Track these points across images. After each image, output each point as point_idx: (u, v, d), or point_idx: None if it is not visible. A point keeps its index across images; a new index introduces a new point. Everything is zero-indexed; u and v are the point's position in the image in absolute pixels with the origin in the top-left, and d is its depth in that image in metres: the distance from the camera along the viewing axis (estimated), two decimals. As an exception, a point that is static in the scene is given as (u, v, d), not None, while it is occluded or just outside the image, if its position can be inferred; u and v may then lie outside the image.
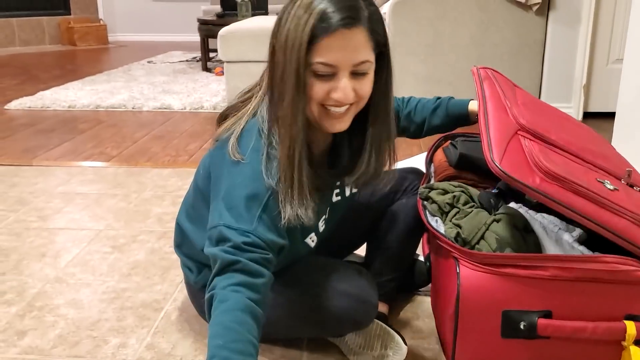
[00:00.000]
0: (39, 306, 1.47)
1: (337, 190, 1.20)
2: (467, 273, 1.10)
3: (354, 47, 0.96)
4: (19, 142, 2.97)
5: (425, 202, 1.25)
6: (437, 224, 1.19)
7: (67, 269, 1.66)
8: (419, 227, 1.35)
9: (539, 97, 3.29)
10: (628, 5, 3.03)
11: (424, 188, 1.28)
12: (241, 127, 1.06)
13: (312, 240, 1.18)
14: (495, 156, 1.07)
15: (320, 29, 0.94)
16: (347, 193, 1.22)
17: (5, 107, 3.78)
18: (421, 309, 1.43)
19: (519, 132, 1.15)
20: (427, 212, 1.23)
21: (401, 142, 1.29)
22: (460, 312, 1.10)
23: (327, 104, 0.99)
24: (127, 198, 2.19)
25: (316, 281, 1.14)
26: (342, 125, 1.03)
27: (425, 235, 1.45)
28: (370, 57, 0.99)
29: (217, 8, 5.65)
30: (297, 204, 1.00)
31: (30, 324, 1.39)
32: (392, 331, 1.20)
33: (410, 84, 3.26)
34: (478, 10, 3.17)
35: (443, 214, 1.24)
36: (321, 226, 1.19)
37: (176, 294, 1.51)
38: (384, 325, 1.22)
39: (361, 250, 1.48)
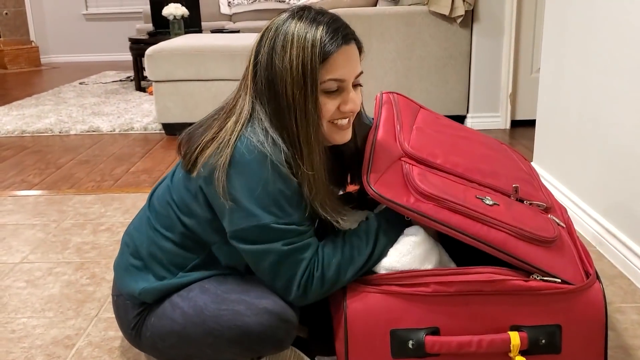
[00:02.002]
0: (-60, 350, 1.38)
1: None
2: (354, 293, 1.11)
3: (355, 60, 1.07)
4: None
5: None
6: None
7: (-24, 308, 1.57)
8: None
9: (467, 109, 3.35)
10: (546, 17, 3.13)
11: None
12: (233, 143, 1.05)
13: None
14: (370, 179, 1.11)
15: (327, 49, 1.02)
16: None
17: None
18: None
19: (402, 158, 1.19)
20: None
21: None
22: (349, 333, 1.10)
23: (335, 119, 1.08)
24: (46, 228, 2.11)
25: (235, 296, 1.12)
26: (348, 135, 1.13)
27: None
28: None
29: (152, 27, 5.57)
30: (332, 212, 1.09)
31: None
32: (306, 358, 1.18)
33: (342, 98, 3.27)
34: (404, 25, 3.22)
35: None
36: None
37: (90, 329, 1.45)
38: (299, 352, 1.20)
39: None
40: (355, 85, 1.10)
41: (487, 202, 1.14)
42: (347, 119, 1.10)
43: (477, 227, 1.09)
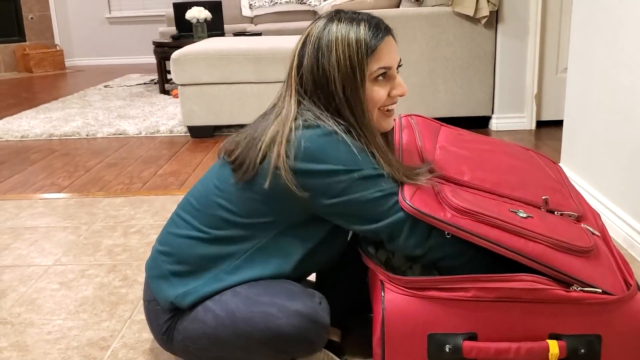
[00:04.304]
0: (-20, 351, 1.42)
1: None
2: (392, 297, 1.11)
3: (395, 48, 1.15)
4: (-33, 176, 2.89)
5: None
6: (370, 247, 1.20)
7: (13, 309, 1.60)
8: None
9: (492, 109, 3.34)
10: (572, 16, 3.10)
11: None
12: (293, 130, 1.09)
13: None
14: (406, 195, 1.10)
15: (375, 40, 1.11)
16: None
17: (-45, 139, 3.68)
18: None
19: (430, 178, 1.19)
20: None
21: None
22: (387, 336, 1.11)
23: (385, 105, 1.15)
24: (77, 230, 2.14)
25: (267, 299, 1.13)
26: (392, 121, 1.20)
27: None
28: None
29: (174, 30, 5.62)
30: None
31: (-31, 371, 1.34)
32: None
33: (366, 100, 3.27)
34: (428, 26, 3.21)
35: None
36: None
37: (124, 331, 1.47)
38: (331, 355, 1.20)
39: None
40: (397, 71, 1.18)
41: (521, 214, 1.13)
42: (395, 104, 1.17)
43: (514, 239, 1.08)
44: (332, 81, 1.10)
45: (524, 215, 1.13)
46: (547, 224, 1.13)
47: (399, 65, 1.17)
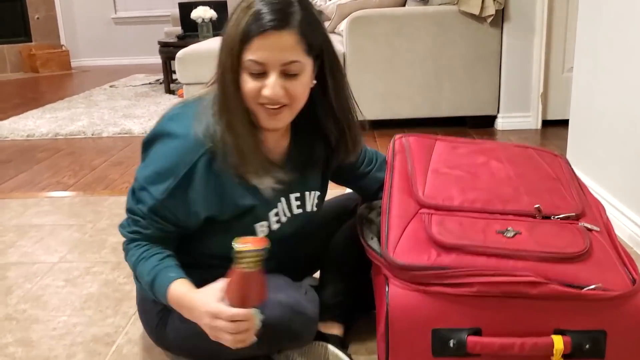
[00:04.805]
0: (-15, 347, 1.42)
1: (298, 203, 1.23)
2: (396, 292, 1.11)
3: (283, 47, 1.03)
4: (-27, 174, 2.90)
5: (364, 223, 1.26)
6: (373, 241, 1.20)
7: (18, 306, 1.61)
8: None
9: (498, 109, 3.33)
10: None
11: (364, 208, 1.28)
12: (178, 108, 1.16)
13: (262, 229, 1.19)
14: (390, 247, 1.13)
15: (253, 29, 1.02)
16: (309, 208, 1.26)
17: (-39, 138, 3.69)
18: (378, 329, 1.42)
19: (419, 212, 1.20)
20: (366, 231, 1.24)
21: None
22: (390, 331, 1.11)
23: (260, 102, 1.06)
24: (83, 228, 2.15)
25: None
26: (277, 123, 1.10)
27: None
28: (302, 58, 1.05)
29: (180, 30, 5.63)
30: (246, 166, 1.09)
31: (-26, 366, 1.35)
32: (341, 354, 1.19)
33: (369, 101, 3.27)
34: (433, 25, 3.21)
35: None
36: (274, 221, 1.20)
37: (128, 327, 1.47)
38: (335, 350, 1.20)
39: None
40: (288, 74, 1.05)
41: (509, 234, 1.14)
42: (278, 106, 1.07)
43: (501, 263, 1.08)
44: (220, 59, 1.09)
45: (512, 234, 1.14)
46: (536, 237, 1.13)
47: (289, 72, 1.05)
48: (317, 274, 1.47)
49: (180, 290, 1.08)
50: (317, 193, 1.27)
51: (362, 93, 3.26)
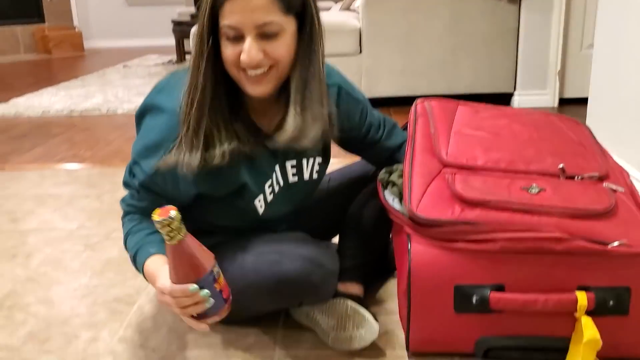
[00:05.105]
0: (9, 305, 1.43)
1: (294, 170, 1.21)
2: (418, 249, 1.11)
3: (254, 8, 0.98)
4: (-9, 147, 2.92)
5: (385, 186, 1.26)
6: (395, 202, 1.20)
7: (39, 269, 1.62)
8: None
9: (514, 86, 3.30)
10: (598, -9, 3.05)
11: (384, 173, 1.28)
12: (167, 79, 1.13)
13: (260, 205, 1.19)
14: (413, 203, 1.12)
15: None
16: (306, 176, 1.23)
17: (-23, 115, 3.71)
18: (396, 291, 1.42)
19: (442, 171, 1.19)
20: (387, 193, 1.24)
21: (370, 122, 1.28)
22: (412, 288, 1.11)
23: (241, 67, 1.02)
24: (100, 198, 2.16)
25: (271, 248, 1.15)
26: (262, 89, 1.04)
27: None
28: (278, 18, 1.00)
29: (192, 10, 5.62)
30: (188, 150, 1.04)
31: (-1, 323, 1.36)
32: (362, 310, 1.19)
33: (386, 77, 3.26)
34: (451, 1, 3.18)
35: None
36: (268, 192, 1.19)
37: (150, 288, 1.48)
38: (355, 305, 1.20)
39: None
40: (266, 35, 1.00)
41: (533, 191, 1.13)
42: (260, 71, 1.02)
43: (526, 218, 1.08)
44: (197, 26, 1.05)
45: (536, 190, 1.13)
46: (561, 194, 1.13)
47: (266, 33, 1.01)
48: (335, 239, 1.47)
49: (152, 266, 1.06)
50: (319, 159, 1.25)
51: (378, 69, 3.25)
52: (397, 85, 3.29)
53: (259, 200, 1.18)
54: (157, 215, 0.88)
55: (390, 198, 1.23)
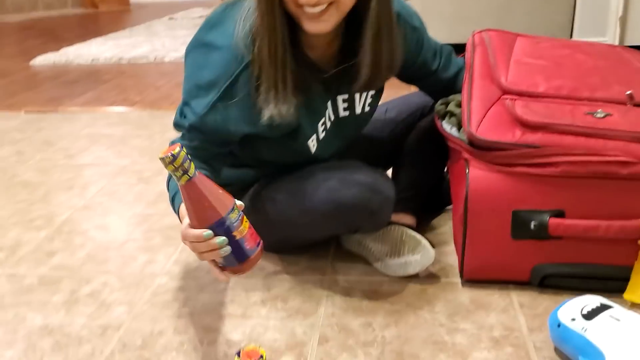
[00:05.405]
0: (67, 230, 1.48)
1: (345, 105, 1.18)
2: (477, 174, 1.09)
3: None
4: (43, 93, 2.99)
5: (443, 117, 1.23)
6: (452, 130, 1.18)
7: (94, 199, 1.66)
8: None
9: (571, 32, 3.17)
10: None
11: (440, 104, 1.25)
12: (219, 14, 1.07)
13: (313, 144, 1.17)
14: (472, 125, 1.09)
15: None
16: (358, 110, 1.20)
17: (30, 63, 3.79)
18: (449, 225, 1.40)
19: (502, 97, 1.15)
20: (444, 123, 1.21)
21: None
22: (469, 214, 1.09)
23: (300, 3, 0.96)
24: (151, 138, 2.19)
25: (328, 175, 1.13)
26: (321, 26, 0.98)
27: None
28: None
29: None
30: (278, 101, 1.01)
31: (59, 245, 1.40)
32: (418, 236, 1.17)
33: (436, 24, 3.16)
34: (506, -58, 3.05)
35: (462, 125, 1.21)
36: (321, 131, 1.17)
37: (202, 217, 1.51)
38: (410, 230, 1.19)
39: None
40: None
41: (599, 115, 1.08)
42: (319, 8, 0.96)
43: (590, 142, 1.04)
44: None
45: (602, 114, 1.08)
46: (629, 119, 1.08)
47: None
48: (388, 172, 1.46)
49: (182, 210, 0.99)
50: (371, 92, 1.21)
51: (427, 16, 3.16)
52: (447, 32, 3.19)
53: (312, 140, 1.17)
54: (161, 153, 0.82)
55: (448, 127, 1.21)
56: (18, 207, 1.63)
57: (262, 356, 0.65)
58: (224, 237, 0.86)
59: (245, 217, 0.91)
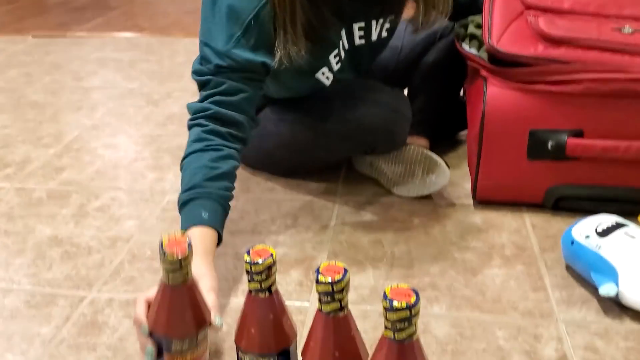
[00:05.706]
0: (76, 148, 1.46)
1: (361, 33, 1.13)
2: (495, 92, 1.06)
3: None
4: (52, 18, 2.93)
5: (463, 39, 1.19)
6: (471, 49, 1.14)
7: (103, 119, 1.64)
8: (464, 64, 1.27)
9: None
10: None
11: (459, 27, 1.20)
12: None
13: (326, 76, 1.13)
14: (493, 38, 1.05)
15: None
16: (374, 37, 1.15)
17: (37, -11, 3.71)
18: (463, 149, 1.38)
19: (524, 12, 1.10)
20: (464, 44, 1.17)
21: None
22: (485, 132, 1.07)
23: None
24: (160, 62, 2.15)
25: (347, 95, 1.11)
26: None
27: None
28: None
29: None
30: (287, 42, 0.96)
31: (68, 162, 1.39)
32: (434, 156, 1.15)
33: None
34: None
35: (481, 45, 1.16)
36: (335, 63, 1.12)
37: (212, 138, 1.49)
38: (425, 150, 1.17)
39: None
40: None
41: (626, 30, 1.03)
42: None
43: (616, 58, 0.99)
44: None
45: (630, 30, 1.03)
46: None
47: None
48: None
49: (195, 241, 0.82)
50: (390, 16, 1.15)
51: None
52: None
53: (323, 73, 1.12)
54: (167, 246, 0.66)
55: (466, 47, 1.17)
56: (27, 125, 1.61)
57: (272, 255, 0.64)
58: (152, 349, 0.71)
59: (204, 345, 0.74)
